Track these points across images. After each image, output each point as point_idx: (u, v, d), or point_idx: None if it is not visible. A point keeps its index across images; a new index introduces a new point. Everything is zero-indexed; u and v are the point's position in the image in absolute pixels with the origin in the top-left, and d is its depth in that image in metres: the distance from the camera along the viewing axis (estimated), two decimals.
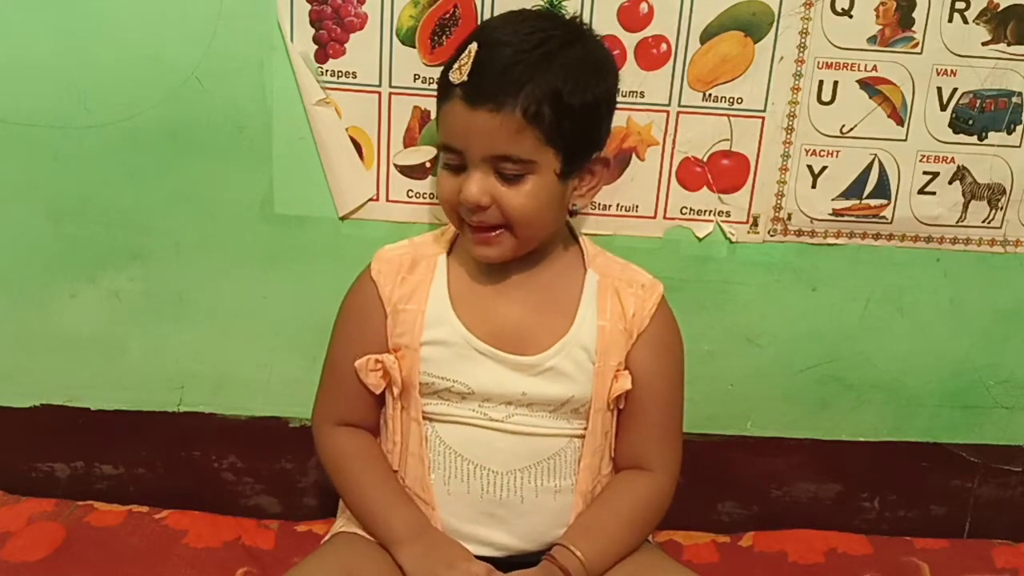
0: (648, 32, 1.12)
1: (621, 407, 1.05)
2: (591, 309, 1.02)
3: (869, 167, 1.19)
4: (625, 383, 1.02)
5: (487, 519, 1.01)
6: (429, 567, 0.96)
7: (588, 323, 1.02)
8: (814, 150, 1.18)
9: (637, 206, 1.19)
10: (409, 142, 1.16)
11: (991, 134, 1.18)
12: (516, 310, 1.02)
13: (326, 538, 1.09)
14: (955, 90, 1.16)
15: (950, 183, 1.20)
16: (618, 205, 1.19)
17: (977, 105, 1.17)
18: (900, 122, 1.17)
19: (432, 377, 1.00)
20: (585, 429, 1.03)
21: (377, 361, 1.02)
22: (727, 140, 1.17)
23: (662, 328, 1.05)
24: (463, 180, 0.95)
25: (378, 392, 1.04)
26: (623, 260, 1.08)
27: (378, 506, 1.01)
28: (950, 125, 1.18)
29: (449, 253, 1.05)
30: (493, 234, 0.97)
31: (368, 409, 1.06)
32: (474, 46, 0.94)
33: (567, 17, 1.03)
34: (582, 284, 1.04)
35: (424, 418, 1.02)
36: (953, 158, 1.19)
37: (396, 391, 1.02)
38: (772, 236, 1.21)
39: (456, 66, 0.94)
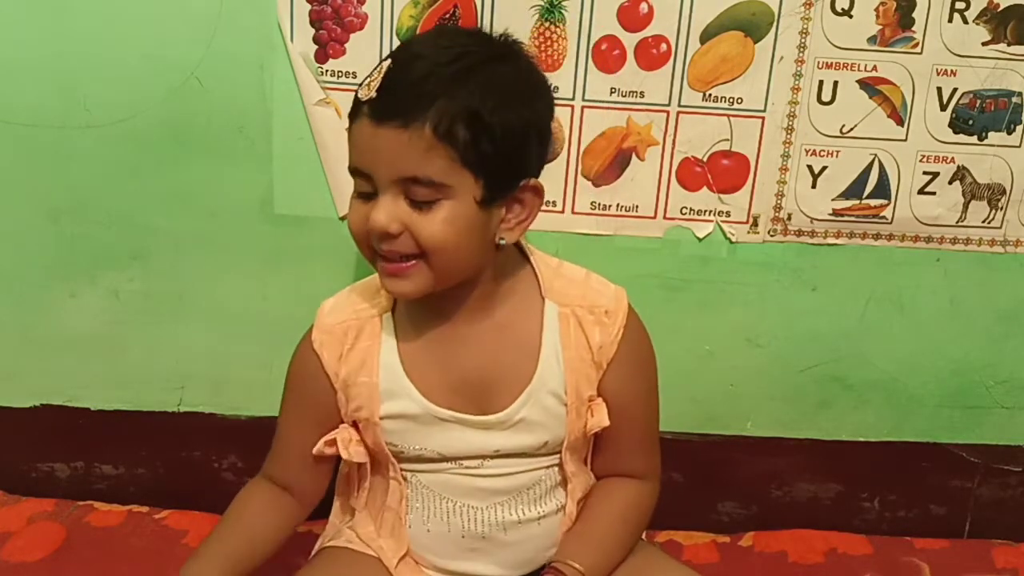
0: (648, 32, 1.12)
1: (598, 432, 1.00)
2: (554, 347, 0.94)
3: (869, 167, 1.19)
4: (601, 418, 0.96)
5: (470, 554, 0.98)
6: None
7: (553, 363, 0.94)
8: (814, 150, 1.18)
9: (637, 206, 1.19)
10: None
11: (991, 134, 1.18)
12: (475, 361, 0.94)
13: (315, 550, 1.06)
14: (955, 90, 1.16)
15: (950, 183, 1.20)
16: (618, 205, 1.19)
17: (977, 105, 1.17)
18: (900, 122, 1.17)
19: (399, 448, 0.96)
20: (561, 458, 0.98)
21: (330, 443, 0.98)
22: (727, 140, 1.17)
23: (631, 350, 0.97)
24: (371, 207, 0.86)
25: (349, 459, 1.00)
26: (581, 274, 0.98)
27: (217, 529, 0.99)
28: (950, 125, 1.17)
29: (394, 310, 0.97)
30: (406, 265, 0.87)
31: (307, 477, 1.01)
32: (387, 62, 0.85)
33: (497, 35, 0.91)
34: (541, 319, 0.95)
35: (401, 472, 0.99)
36: (953, 158, 1.19)
37: (366, 460, 0.99)
38: (772, 236, 1.21)
39: (365, 82, 0.85)
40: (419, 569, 1.00)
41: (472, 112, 0.83)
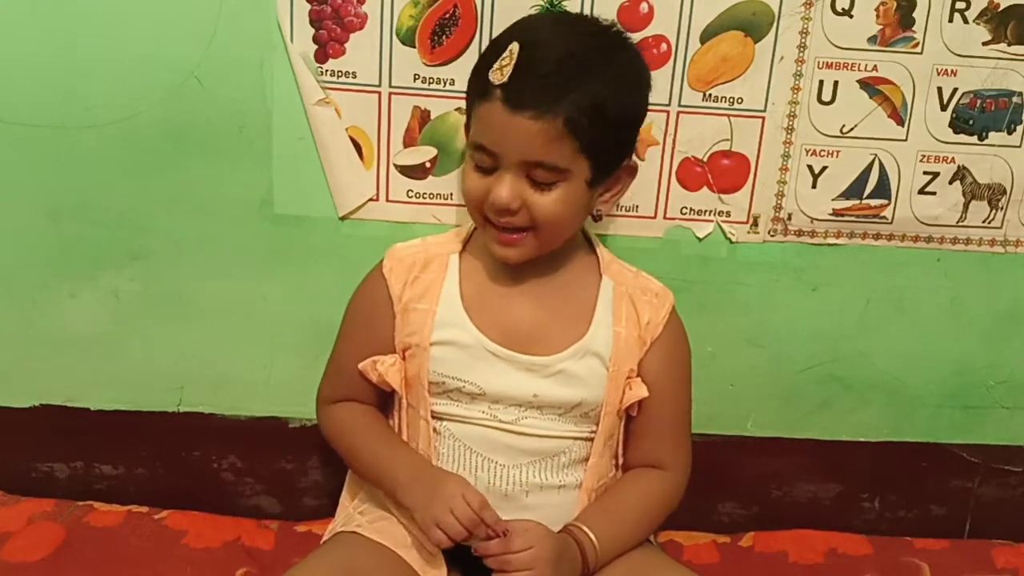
0: (648, 32, 1.12)
1: (633, 414, 1.05)
2: (607, 315, 1.03)
3: (869, 167, 1.19)
4: (640, 391, 1.02)
5: None
6: (432, 514, 0.93)
7: (604, 329, 1.02)
8: (814, 150, 1.18)
9: (637, 206, 1.19)
10: (409, 142, 1.16)
11: (991, 134, 1.18)
12: (530, 311, 1.02)
13: (324, 538, 1.09)
14: (955, 90, 1.16)
15: (950, 183, 1.20)
16: (618, 205, 1.18)
17: (977, 105, 1.17)
18: (900, 122, 1.17)
19: (443, 377, 1.01)
20: (593, 432, 1.03)
21: (375, 363, 1.03)
22: (727, 140, 1.17)
23: (674, 336, 1.06)
24: (493, 181, 0.95)
25: (384, 388, 1.05)
26: (634, 267, 1.09)
27: (380, 459, 1.02)
28: (950, 125, 1.17)
29: (462, 251, 1.05)
30: (516, 236, 0.97)
31: (370, 395, 1.07)
32: (516, 46, 0.92)
33: (607, 24, 1.00)
34: (598, 289, 1.04)
35: (433, 417, 1.02)
36: (953, 158, 1.19)
37: (400, 390, 1.03)
38: (772, 236, 1.21)
39: (497, 65, 0.92)
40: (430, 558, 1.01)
41: (598, 106, 0.91)
